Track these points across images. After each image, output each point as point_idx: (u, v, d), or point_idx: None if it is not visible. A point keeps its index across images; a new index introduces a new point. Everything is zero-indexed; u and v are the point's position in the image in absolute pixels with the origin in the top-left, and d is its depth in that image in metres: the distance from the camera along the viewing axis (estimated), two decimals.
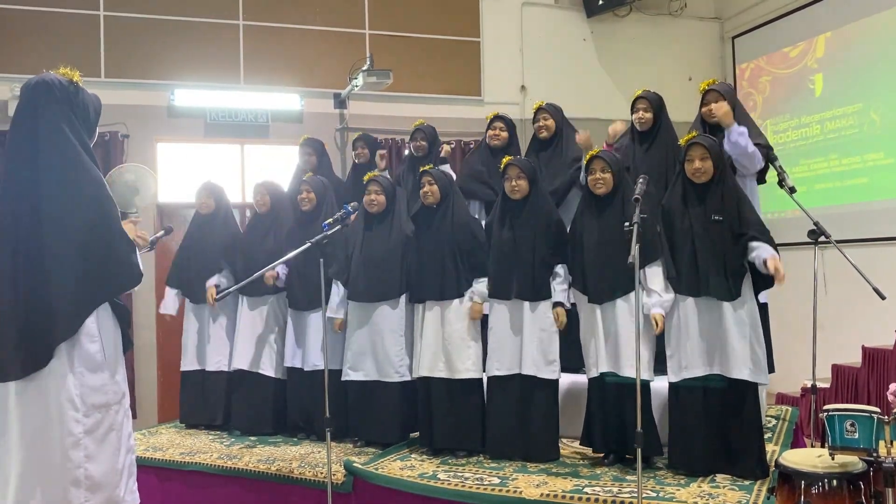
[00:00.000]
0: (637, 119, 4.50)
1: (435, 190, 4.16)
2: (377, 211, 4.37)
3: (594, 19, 8.59)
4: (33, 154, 2.52)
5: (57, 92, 2.57)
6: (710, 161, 3.57)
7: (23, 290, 2.48)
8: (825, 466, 2.85)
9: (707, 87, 4.27)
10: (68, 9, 7.12)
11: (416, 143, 5.12)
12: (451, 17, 8.24)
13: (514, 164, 4.02)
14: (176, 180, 7.41)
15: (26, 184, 2.51)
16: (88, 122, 2.67)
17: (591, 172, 3.83)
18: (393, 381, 4.28)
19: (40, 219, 2.49)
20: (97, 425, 2.55)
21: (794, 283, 3.82)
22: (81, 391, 2.52)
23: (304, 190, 4.71)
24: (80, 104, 2.64)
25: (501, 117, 4.90)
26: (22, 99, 2.58)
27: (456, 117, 7.65)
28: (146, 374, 7.20)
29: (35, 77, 2.61)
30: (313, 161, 5.38)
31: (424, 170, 4.24)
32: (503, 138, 4.84)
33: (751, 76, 8.56)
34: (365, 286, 4.30)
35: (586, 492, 3.36)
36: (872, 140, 7.13)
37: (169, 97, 7.32)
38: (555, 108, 4.78)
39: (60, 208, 2.50)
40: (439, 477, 3.68)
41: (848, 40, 7.38)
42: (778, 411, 4.84)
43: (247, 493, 4.11)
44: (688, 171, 3.61)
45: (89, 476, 2.52)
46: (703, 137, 3.66)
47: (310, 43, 7.80)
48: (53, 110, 2.55)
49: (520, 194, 4.00)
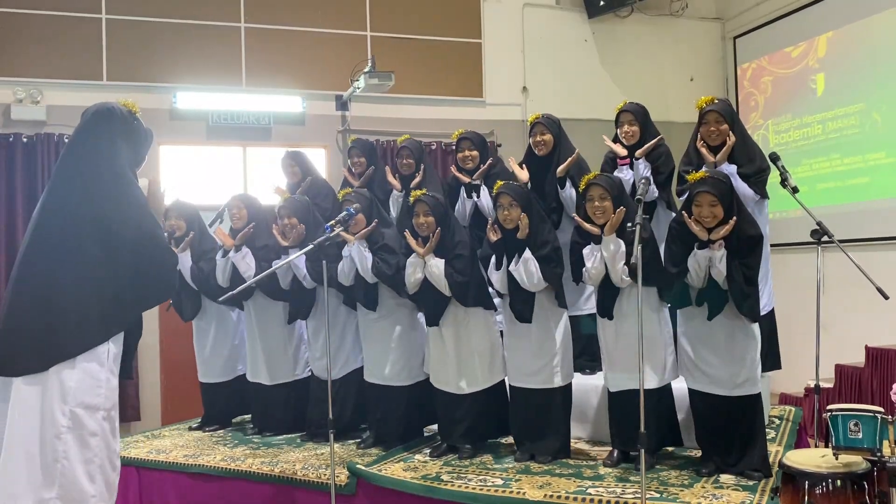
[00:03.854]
0: (623, 133, 4.40)
1: (431, 222, 3.95)
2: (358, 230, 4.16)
3: (595, 20, 8.60)
4: (81, 170, 2.71)
5: (116, 118, 2.81)
6: (720, 206, 3.39)
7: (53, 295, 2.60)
8: (829, 466, 2.85)
9: (706, 108, 4.03)
10: (71, 12, 7.13)
11: (402, 161, 4.78)
12: (452, 19, 8.25)
13: (505, 191, 3.82)
14: (179, 183, 7.42)
15: (77, 199, 2.66)
16: (137, 150, 2.90)
17: (588, 200, 3.65)
18: (401, 384, 4.30)
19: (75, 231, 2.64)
20: (82, 424, 2.56)
21: (796, 283, 3.84)
22: (77, 385, 2.54)
23: (286, 217, 4.40)
24: (134, 133, 2.87)
25: (467, 136, 4.63)
26: (83, 120, 2.81)
27: (458, 119, 7.64)
28: (149, 377, 7.21)
29: (98, 103, 2.85)
30: (298, 173, 5.08)
31: (417, 198, 3.99)
32: (474, 157, 4.61)
33: (752, 76, 8.56)
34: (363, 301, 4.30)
35: (590, 493, 3.36)
36: (874, 140, 7.13)
37: (171, 100, 7.33)
38: (552, 120, 4.51)
39: (108, 224, 2.66)
40: (442, 478, 3.68)
41: (849, 40, 7.37)
42: (781, 411, 4.83)
43: (250, 495, 4.11)
44: (696, 214, 3.43)
45: (64, 473, 2.53)
46: (712, 183, 3.42)
47: (311, 45, 7.81)
48: (109, 134, 2.78)
49: (512, 223, 3.81)
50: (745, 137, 4.16)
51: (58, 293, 2.58)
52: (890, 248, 6.71)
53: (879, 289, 3.73)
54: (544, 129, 4.47)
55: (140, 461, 4.42)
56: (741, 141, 4.06)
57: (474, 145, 4.65)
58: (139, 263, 2.68)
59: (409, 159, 4.77)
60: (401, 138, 4.89)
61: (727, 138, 3.99)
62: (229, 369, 5.08)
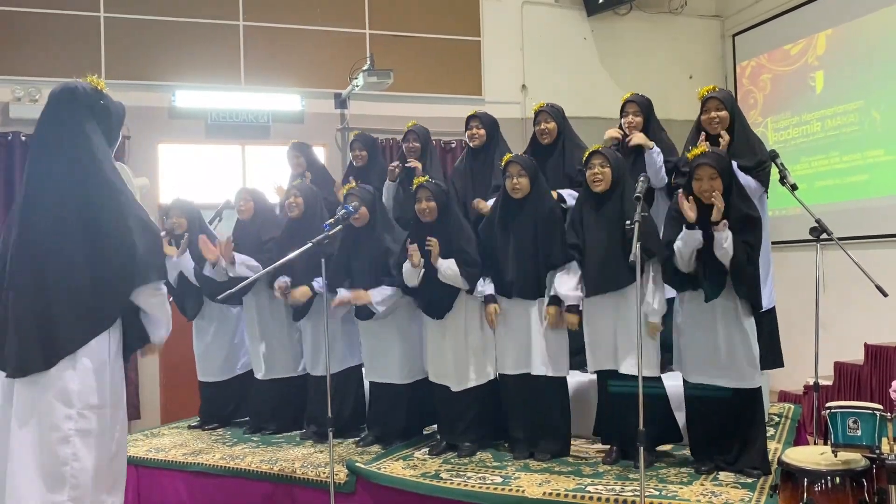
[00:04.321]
0: (626, 124, 4.43)
1: (433, 207, 4.00)
2: (360, 224, 4.20)
3: (594, 18, 8.59)
4: (55, 158, 2.59)
5: (80, 97, 2.64)
6: (720, 180, 3.42)
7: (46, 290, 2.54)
8: (828, 464, 2.85)
9: (707, 95, 4.11)
10: (69, 10, 7.12)
11: (408, 145, 4.93)
12: (451, 17, 8.23)
13: (515, 161, 3.96)
14: (177, 182, 7.42)
15: (47, 187, 2.57)
16: (110, 128, 2.74)
17: (590, 167, 3.78)
18: (401, 382, 4.30)
19: (59, 222, 2.55)
20: (89, 425, 2.54)
21: (796, 281, 3.84)
22: (80, 388, 2.52)
23: (292, 195, 4.54)
24: (104, 110, 2.70)
25: (476, 115, 4.69)
26: (47, 104, 2.65)
27: (457, 117, 7.57)
28: (149, 376, 7.20)
29: (62, 83, 2.67)
30: (302, 164, 5.26)
31: (420, 184, 4.05)
32: (481, 136, 4.64)
33: (751, 74, 8.56)
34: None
35: (589, 490, 3.36)
36: (873, 137, 7.12)
37: (170, 98, 7.32)
38: (556, 109, 4.55)
39: (77, 211, 2.56)
40: (442, 476, 3.68)
41: (849, 37, 7.37)
42: (781, 409, 4.83)
43: (249, 493, 4.10)
44: (695, 189, 3.46)
45: (75, 475, 2.52)
46: (712, 156, 3.48)
47: (310, 43, 7.80)
48: (76, 115, 2.62)
49: (521, 193, 3.95)
50: (745, 129, 4.19)
51: (50, 287, 2.54)
52: (889, 245, 6.71)
53: (878, 286, 3.73)
54: (548, 117, 4.50)
55: (139, 460, 4.41)
56: (742, 133, 4.08)
57: (482, 124, 4.67)
58: (120, 247, 2.58)
59: (415, 143, 4.89)
60: (409, 123, 5.00)
61: (724, 134, 3.99)
62: (228, 368, 5.08)
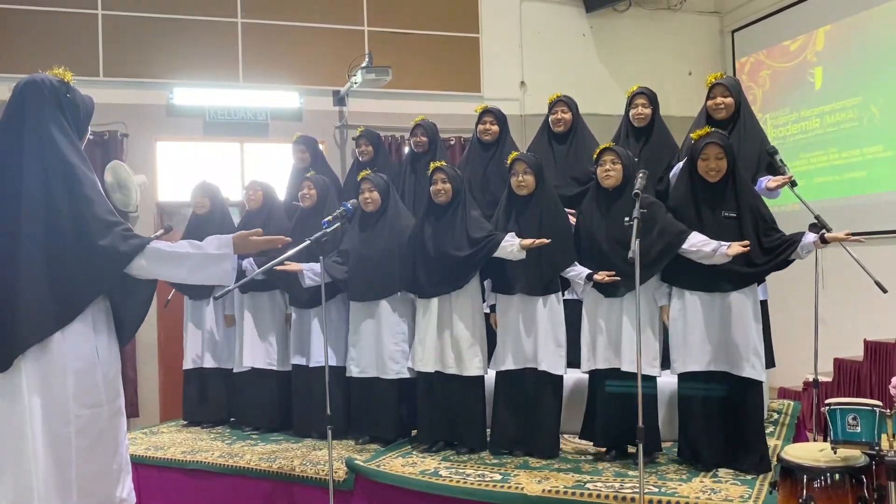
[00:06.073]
0: (636, 115, 4.47)
1: (448, 189, 4.08)
2: (372, 209, 4.35)
3: (593, 14, 8.58)
4: (18, 153, 2.50)
5: (46, 91, 2.54)
6: (726, 160, 3.51)
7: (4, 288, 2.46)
8: (827, 461, 2.84)
9: (714, 81, 4.21)
10: (66, 8, 7.10)
11: (416, 139, 5.05)
12: (449, 13, 8.23)
13: (521, 159, 3.99)
14: (175, 179, 7.40)
15: (10, 183, 2.47)
16: (79, 122, 2.64)
17: (601, 164, 3.80)
18: (392, 377, 4.28)
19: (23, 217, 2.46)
20: (88, 424, 2.53)
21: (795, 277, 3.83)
22: (75, 390, 2.50)
23: (307, 186, 4.68)
24: (71, 104, 2.61)
25: (491, 110, 4.80)
26: (11, 98, 2.55)
27: (455, 113, 7.62)
28: (147, 373, 7.20)
29: (26, 77, 2.58)
30: (307, 158, 5.36)
31: (438, 166, 4.14)
32: (494, 132, 4.74)
33: (751, 70, 8.55)
34: (362, 285, 4.29)
35: (588, 487, 3.36)
36: (872, 133, 7.12)
37: (168, 96, 7.31)
38: (572, 100, 4.67)
39: (43, 206, 2.46)
40: (441, 474, 3.68)
41: (848, 33, 7.36)
42: (780, 405, 4.83)
43: (248, 491, 4.11)
44: (701, 168, 3.54)
45: (81, 475, 2.51)
46: (719, 136, 3.56)
47: (309, 40, 7.79)
48: (42, 110, 2.53)
49: (526, 190, 3.98)
50: (751, 118, 4.26)
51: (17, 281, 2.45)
52: (888, 241, 6.70)
53: (878, 282, 3.72)
54: (565, 106, 4.63)
55: (138, 458, 4.40)
56: (748, 121, 4.15)
57: (497, 120, 4.76)
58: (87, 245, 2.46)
59: (422, 136, 4.99)
60: (417, 118, 5.10)
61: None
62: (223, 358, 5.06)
